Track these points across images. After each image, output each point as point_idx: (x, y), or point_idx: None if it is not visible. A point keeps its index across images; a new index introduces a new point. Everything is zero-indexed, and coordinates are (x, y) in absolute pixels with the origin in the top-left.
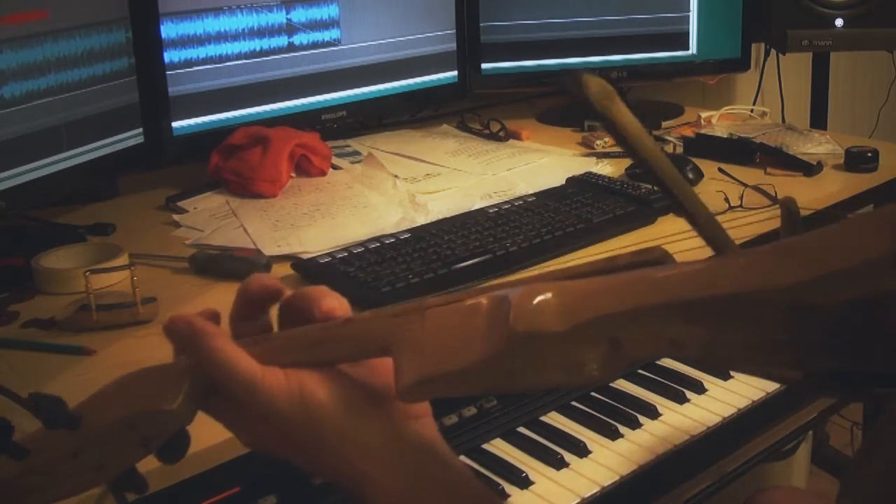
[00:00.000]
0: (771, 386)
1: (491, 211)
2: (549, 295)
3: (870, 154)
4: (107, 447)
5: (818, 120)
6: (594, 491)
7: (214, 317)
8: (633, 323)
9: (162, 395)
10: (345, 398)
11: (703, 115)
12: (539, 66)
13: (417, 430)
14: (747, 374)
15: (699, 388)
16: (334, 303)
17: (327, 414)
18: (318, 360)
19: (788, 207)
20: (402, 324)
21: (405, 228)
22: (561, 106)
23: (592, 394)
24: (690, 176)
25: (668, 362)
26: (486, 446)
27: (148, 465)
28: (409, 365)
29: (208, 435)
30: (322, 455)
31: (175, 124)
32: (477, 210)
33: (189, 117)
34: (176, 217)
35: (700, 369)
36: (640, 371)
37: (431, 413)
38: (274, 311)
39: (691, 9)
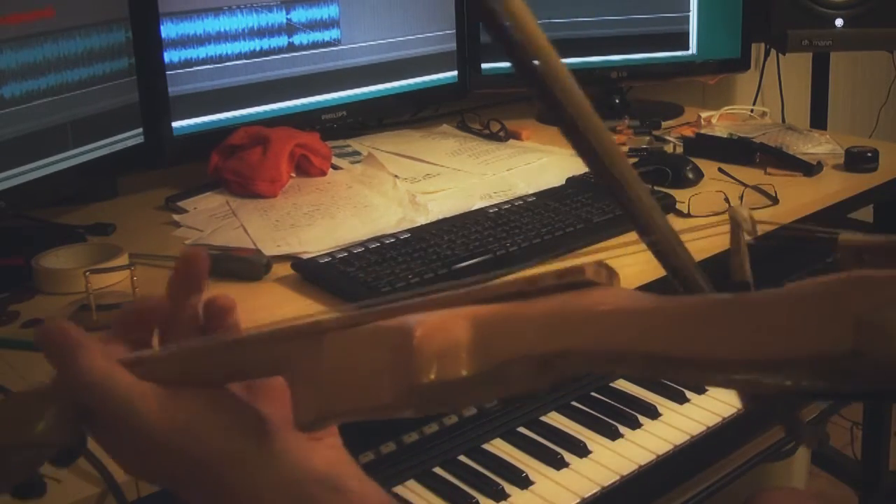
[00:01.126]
0: None
1: (491, 211)
2: (458, 331)
3: (870, 154)
4: None
5: (818, 120)
6: (594, 491)
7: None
8: (557, 359)
9: (26, 421)
10: (235, 422)
11: (703, 115)
12: None
13: (320, 458)
14: None
15: (699, 388)
16: (234, 321)
17: (215, 441)
18: (204, 381)
19: (734, 218)
20: (297, 350)
21: (405, 228)
22: None
23: (592, 394)
24: (690, 176)
25: None
26: (486, 446)
27: None
28: (307, 400)
29: None
30: (212, 488)
31: (175, 124)
32: (477, 210)
33: (189, 117)
34: (176, 217)
35: None
36: None
37: (337, 431)
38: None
39: (691, 9)
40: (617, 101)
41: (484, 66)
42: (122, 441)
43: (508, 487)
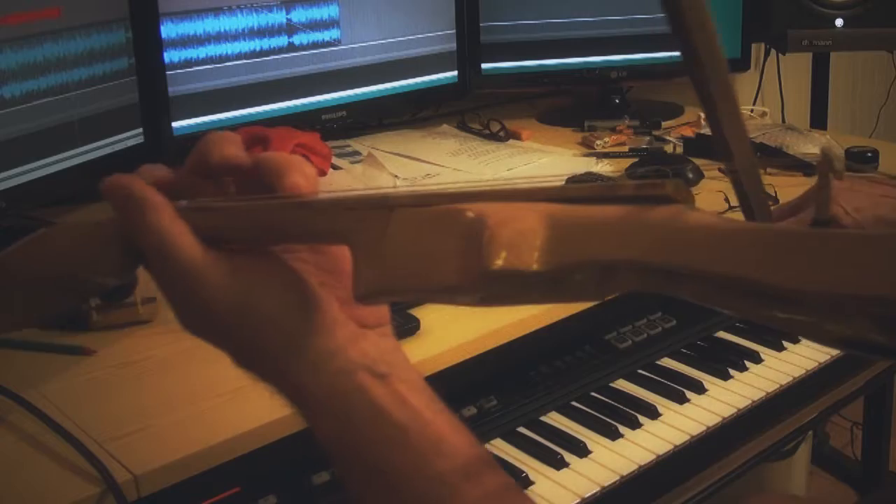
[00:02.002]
0: (771, 386)
1: None
2: (533, 224)
3: (870, 154)
4: (30, 299)
5: (818, 120)
6: (594, 491)
7: (160, 173)
8: (626, 269)
9: (90, 258)
10: (290, 304)
11: (703, 115)
12: (539, 66)
13: (369, 344)
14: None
15: (699, 388)
16: (300, 179)
17: (268, 320)
18: (270, 241)
19: (826, 155)
20: (364, 221)
21: None
22: (561, 106)
23: (592, 394)
24: (690, 176)
25: (668, 362)
26: (486, 446)
27: (148, 465)
28: (368, 272)
29: (208, 435)
30: (260, 361)
31: (175, 124)
32: None
33: (189, 117)
34: None
35: (700, 369)
36: (639, 371)
37: (389, 320)
38: None
39: None
40: (617, 101)
41: (484, 66)
42: (179, 299)
43: None
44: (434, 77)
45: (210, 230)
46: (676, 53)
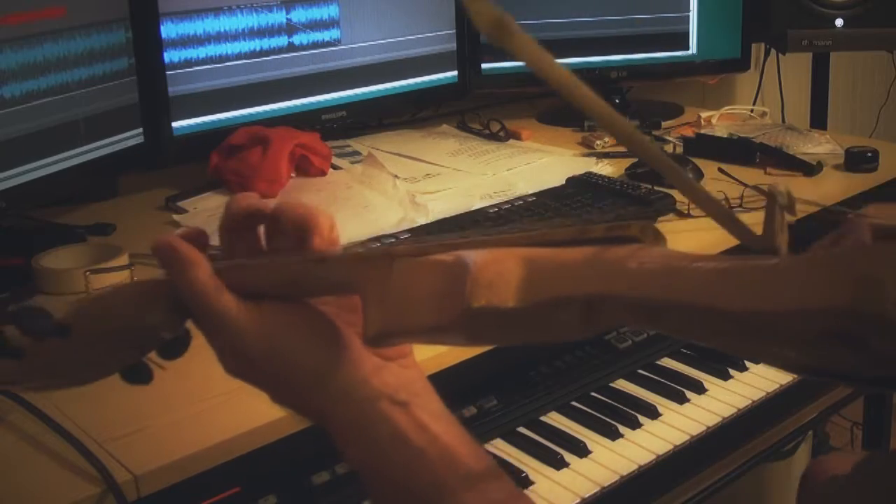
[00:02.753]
0: (771, 386)
1: (491, 211)
2: (509, 266)
3: (870, 154)
4: (100, 351)
5: (818, 120)
6: (594, 491)
7: (200, 236)
8: (598, 305)
9: (145, 310)
10: (315, 342)
11: (703, 115)
12: None
13: (391, 375)
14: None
15: (699, 388)
16: (320, 242)
17: (296, 357)
18: (293, 293)
19: (776, 198)
20: (371, 269)
21: (405, 228)
22: (561, 106)
23: (592, 394)
24: (690, 176)
25: (668, 362)
26: (486, 446)
27: (148, 465)
28: (373, 315)
29: (208, 435)
30: (292, 396)
31: (175, 124)
32: (477, 210)
33: (189, 117)
34: (176, 217)
35: (700, 369)
36: (639, 371)
37: (412, 352)
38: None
39: (691, 9)
40: (617, 101)
41: (484, 66)
42: (220, 345)
43: None
44: (434, 77)
45: (243, 285)
46: (677, 53)
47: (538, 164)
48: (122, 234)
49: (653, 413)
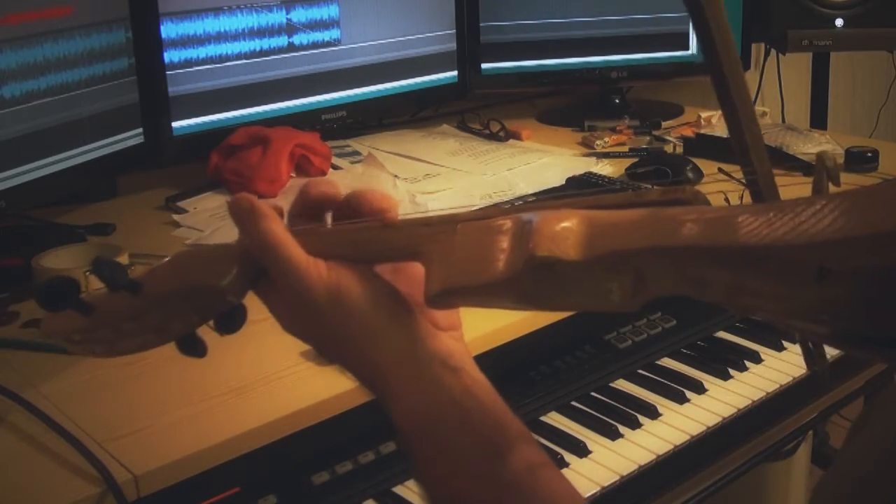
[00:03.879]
0: (771, 386)
1: None
2: (572, 222)
3: (870, 154)
4: (165, 313)
5: (818, 120)
6: (594, 491)
7: (278, 210)
8: (654, 260)
9: (215, 272)
10: (377, 299)
11: (703, 115)
12: (539, 65)
13: (443, 342)
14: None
15: (699, 388)
16: (385, 204)
17: (358, 311)
18: (358, 258)
19: (825, 162)
20: (434, 234)
21: None
22: (561, 106)
23: (592, 394)
24: (690, 176)
25: (668, 362)
26: None
27: (148, 465)
28: (436, 275)
29: (208, 435)
30: (349, 351)
31: (175, 124)
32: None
33: (189, 117)
34: (176, 217)
35: (700, 369)
36: (639, 371)
37: (461, 326)
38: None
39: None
40: (617, 101)
41: (484, 66)
42: (284, 301)
43: None
44: (434, 77)
45: (312, 251)
46: (677, 53)
47: (538, 164)
48: (122, 234)
49: (653, 413)
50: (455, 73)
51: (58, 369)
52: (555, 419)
